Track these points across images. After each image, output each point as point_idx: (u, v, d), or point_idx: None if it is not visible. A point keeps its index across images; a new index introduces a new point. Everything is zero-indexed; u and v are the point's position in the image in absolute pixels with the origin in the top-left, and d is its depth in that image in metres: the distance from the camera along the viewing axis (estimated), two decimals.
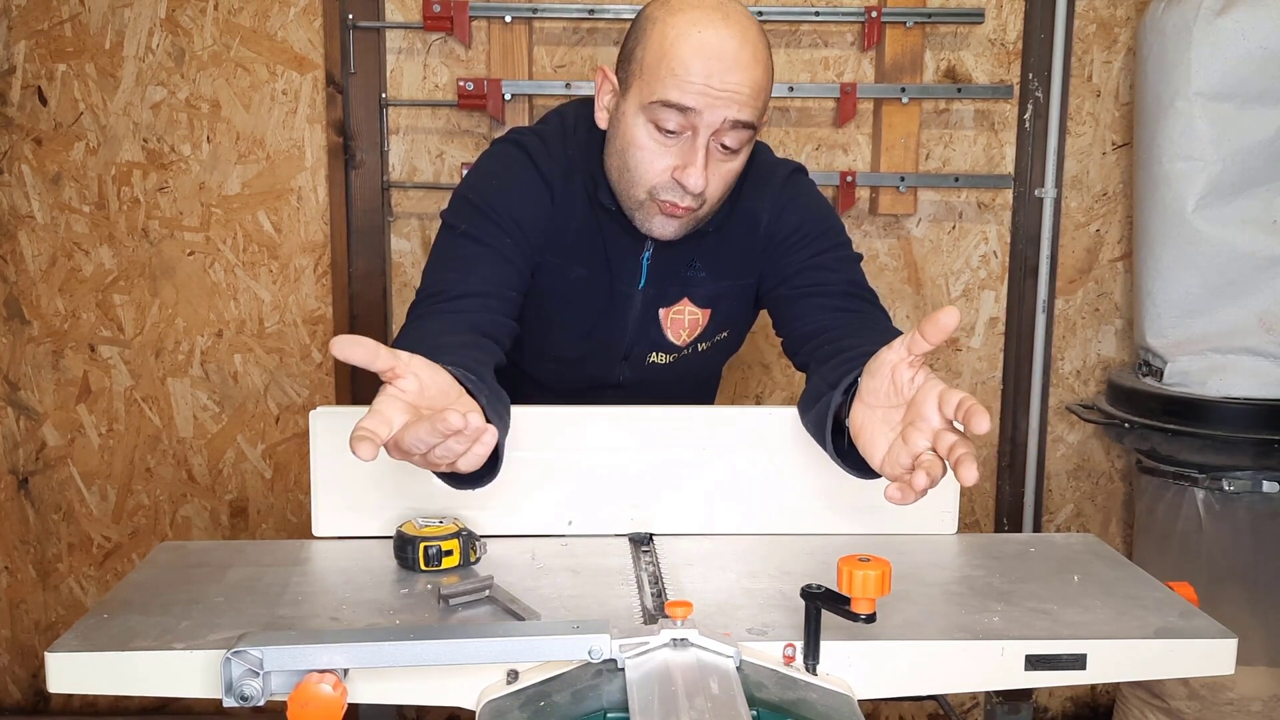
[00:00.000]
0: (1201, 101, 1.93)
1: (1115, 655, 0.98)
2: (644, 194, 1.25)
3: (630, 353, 1.42)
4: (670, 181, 1.23)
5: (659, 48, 1.20)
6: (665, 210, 1.25)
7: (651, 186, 1.24)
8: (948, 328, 0.91)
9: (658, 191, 1.24)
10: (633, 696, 0.83)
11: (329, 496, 1.24)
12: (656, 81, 1.20)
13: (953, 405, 0.90)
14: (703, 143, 1.20)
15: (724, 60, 1.18)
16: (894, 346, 0.98)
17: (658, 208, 1.25)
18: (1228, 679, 1.98)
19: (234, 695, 0.84)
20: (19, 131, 2.21)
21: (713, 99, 1.18)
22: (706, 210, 1.28)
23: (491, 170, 1.34)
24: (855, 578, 0.88)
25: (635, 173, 1.25)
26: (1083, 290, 2.34)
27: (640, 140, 1.23)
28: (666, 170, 1.23)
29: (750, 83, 1.19)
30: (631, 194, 1.27)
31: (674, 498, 1.26)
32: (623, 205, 1.30)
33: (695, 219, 1.28)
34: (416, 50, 2.21)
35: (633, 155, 1.24)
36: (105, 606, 1.02)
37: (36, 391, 2.31)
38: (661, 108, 1.20)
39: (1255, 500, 1.99)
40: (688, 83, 1.18)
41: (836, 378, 1.10)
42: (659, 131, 1.22)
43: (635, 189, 1.26)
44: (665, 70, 1.19)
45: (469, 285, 1.24)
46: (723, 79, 1.18)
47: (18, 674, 2.43)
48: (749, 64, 1.19)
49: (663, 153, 1.22)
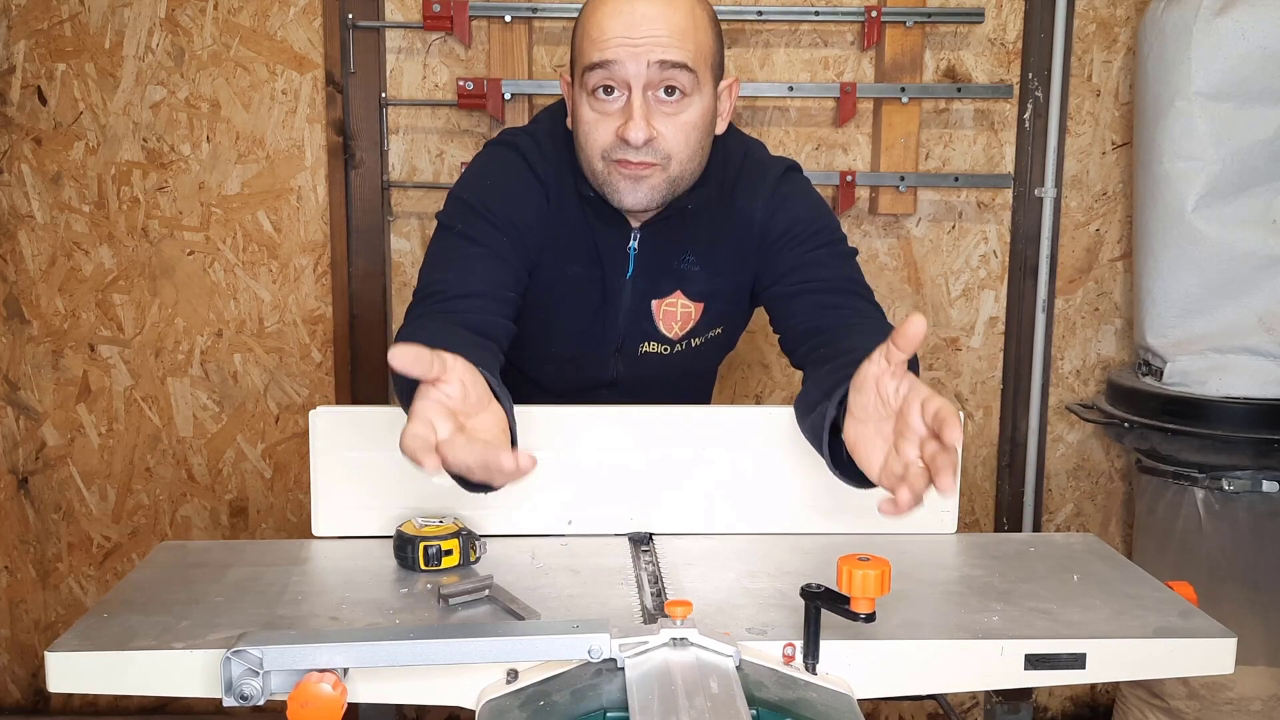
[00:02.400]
0: (1201, 101, 1.93)
1: (1115, 655, 0.98)
2: (600, 163, 1.27)
3: (623, 345, 1.42)
4: (617, 140, 1.25)
5: (582, 26, 1.27)
6: (623, 170, 1.26)
7: (602, 150, 1.26)
8: (916, 336, 0.90)
9: (610, 154, 1.26)
10: (632, 696, 0.83)
11: (329, 496, 1.24)
12: (582, 54, 1.25)
13: (930, 414, 0.89)
14: (638, 96, 1.23)
15: (635, 12, 1.22)
16: (873, 359, 0.97)
17: (617, 172, 1.26)
18: (1227, 678, 1.98)
19: (234, 695, 0.85)
20: (19, 131, 2.21)
21: (632, 48, 1.21)
22: (677, 169, 1.28)
23: (486, 172, 1.35)
24: (855, 577, 0.88)
25: (587, 145, 1.28)
26: (1082, 290, 2.34)
27: (585, 115, 1.27)
28: (611, 132, 1.25)
29: (667, 24, 1.22)
30: (593, 168, 1.29)
31: (673, 497, 1.26)
32: (594, 187, 1.31)
33: (668, 181, 1.28)
34: (416, 50, 2.21)
35: (582, 131, 1.28)
36: (105, 606, 1.02)
37: (36, 391, 2.31)
38: (589, 73, 1.24)
39: (1255, 500, 1.99)
40: (603, 40, 1.22)
41: (831, 385, 1.09)
42: (596, 100, 1.25)
43: (593, 160, 1.28)
44: (587, 39, 1.25)
45: (467, 285, 1.24)
46: (638, 28, 1.22)
47: (17, 673, 2.43)
48: (664, 9, 1.23)
49: (605, 119, 1.26)
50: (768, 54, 2.22)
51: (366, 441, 1.23)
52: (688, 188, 1.31)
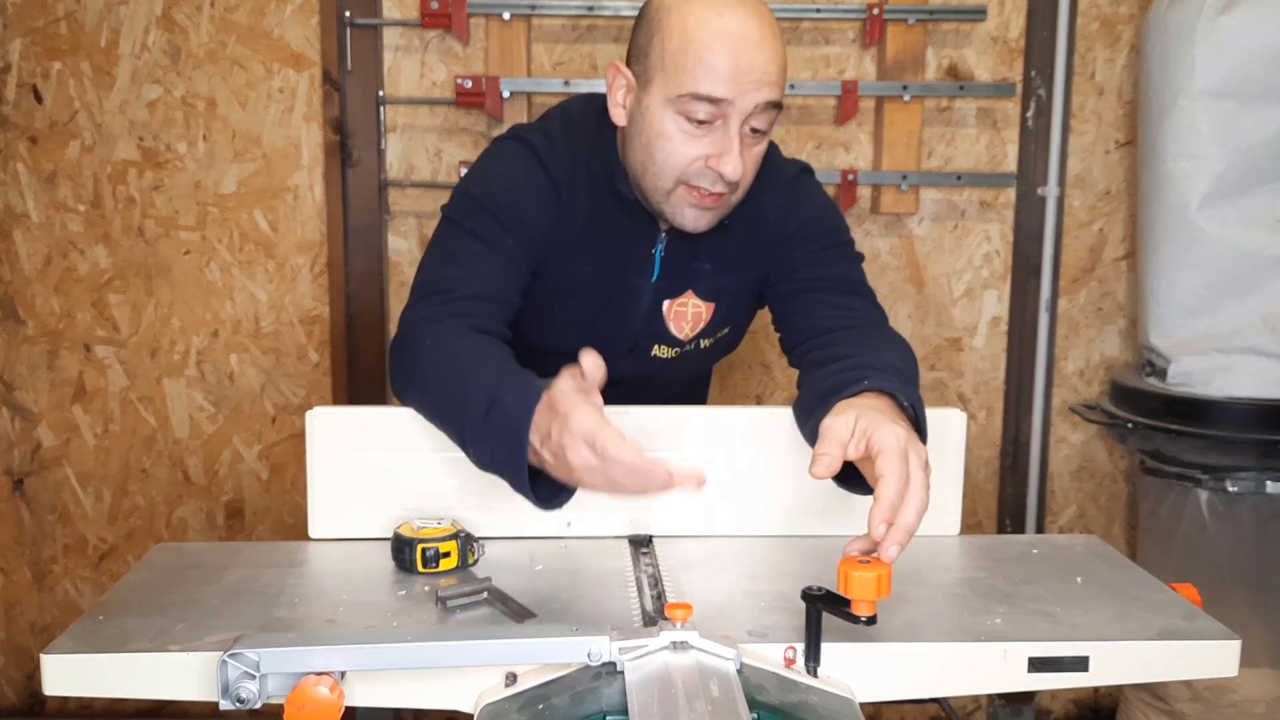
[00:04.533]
0: (1205, 100, 1.93)
1: (1118, 657, 0.98)
2: (673, 183, 1.23)
3: (636, 346, 1.41)
4: (703, 169, 1.21)
5: (680, 38, 1.18)
6: (697, 199, 1.23)
7: (681, 174, 1.22)
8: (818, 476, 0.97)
9: (689, 179, 1.22)
10: (632, 699, 0.82)
11: (326, 498, 1.23)
12: (684, 73, 1.18)
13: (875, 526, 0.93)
14: (735, 129, 1.19)
15: (749, 44, 1.17)
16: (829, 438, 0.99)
17: (690, 198, 1.23)
18: (1231, 681, 1.97)
19: (230, 698, 0.84)
20: (14, 130, 2.20)
21: (744, 86, 1.17)
22: (739, 195, 1.27)
23: (497, 167, 1.32)
24: (855, 580, 0.88)
25: (664, 164, 1.23)
26: (1086, 290, 2.33)
27: (669, 132, 1.21)
28: (698, 159, 1.21)
29: (776, 62, 1.19)
30: (659, 185, 1.24)
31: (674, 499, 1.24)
32: (650, 198, 1.27)
33: (727, 206, 1.27)
34: (414, 47, 2.20)
35: (661, 148, 1.22)
36: (101, 608, 1.02)
37: (31, 392, 2.30)
38: (692, 100, 1.18)
39: (1259, 501, 1.98)
40: (717, 72, 1.16)
41: (827, 390, 1.09)
42: (689, 123, 1.20)
43: (663, 179, 1.24)
44: (692, 61, 1.17)
45: (473, 286, 1.23)
46: (750, 63, 1.17)
47: (13, 676, 2.42)
48: (772, 43, 1.19)
49: (693, 142, 1.21)
50: None
51: (364, 442, 1.22)
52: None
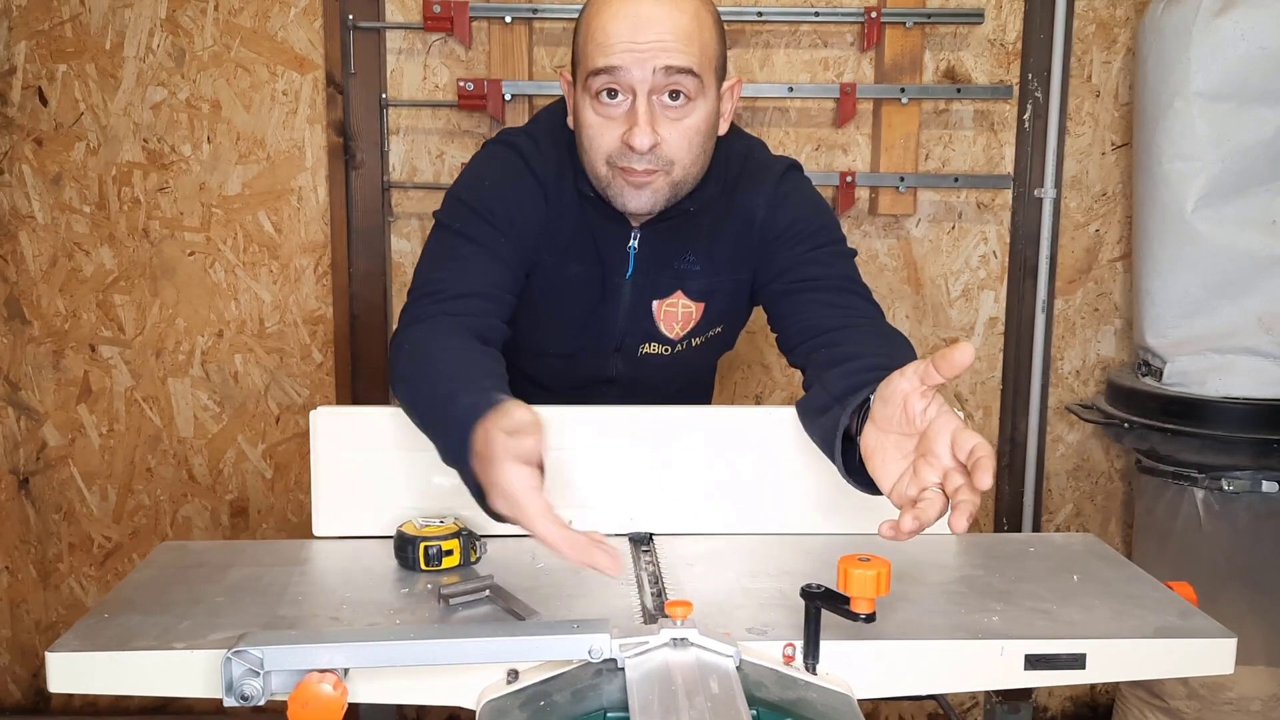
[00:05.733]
0: (1201, 102, 1.93)
1: (1115, 655, 0.98)
2: (604, 168, 1.26)
3: (622, 344, 1.42)
4: (622, 146, 1.24)
5: (585, 27, 1.25)
6: (628, 178, 1.25)
7: (607, 156, 1.25)
8: (962, 364, 0.89)
9: (616, 160, 1.25)
10: (633, 696, 0.83)
11: (329, 496, 1.24)
12: (587, 57, 1.24)
13: (965, 450, 0.89)
14: (643, 101, 1.22)
15: (640, 15, 1.21)
16: (906, 374, 0.96)
17: (621, 178, 1.26)
18: (1227, 679, 1.98)
19: (234, 695, 0.84)
20: (19, 132, 2.21)
21: (637, 53, 1.20)
22: (680, 174, 1.27)
23: (485, 171, 1.35)
24: (854, 577, 0.88)
25: (592, 151, 1.27)
26: (1082, 290, 2.34)
27: (588, 119, 1.26)
28: (616, 138, 1.24)
29: (673, 28, 1.21)
30: (596, 172, 1.28)
31: (674, 498, 1.26)
32: (596, 189, 1.30)
33: (670, 185, 1.27)
34: (417, 50, 2.21)
35: (587, 135, 1.27)
36: (106, 606, 1.02)
37: (37, 391, 2.31)
38: (594, 78, 1.23)
39: (1254, 500, 1.99)
40: (609, 45, 1.21)
41: (842, 391, 1.09)
42: (600, 104, 1.24)
43: (597, 166, 1.27)
44: (591, 43, 1.23)
45: (465, 285, 1.25)
46: (643, 32, 1.20)
47: (18, 674, 2.43)
48: (669, 12, 1.21)
49: (610, 124, 1.24)
50: (768, 55, 2.22)
51: (367, 442, 1.23)
52: (691, 190, 1.30)
